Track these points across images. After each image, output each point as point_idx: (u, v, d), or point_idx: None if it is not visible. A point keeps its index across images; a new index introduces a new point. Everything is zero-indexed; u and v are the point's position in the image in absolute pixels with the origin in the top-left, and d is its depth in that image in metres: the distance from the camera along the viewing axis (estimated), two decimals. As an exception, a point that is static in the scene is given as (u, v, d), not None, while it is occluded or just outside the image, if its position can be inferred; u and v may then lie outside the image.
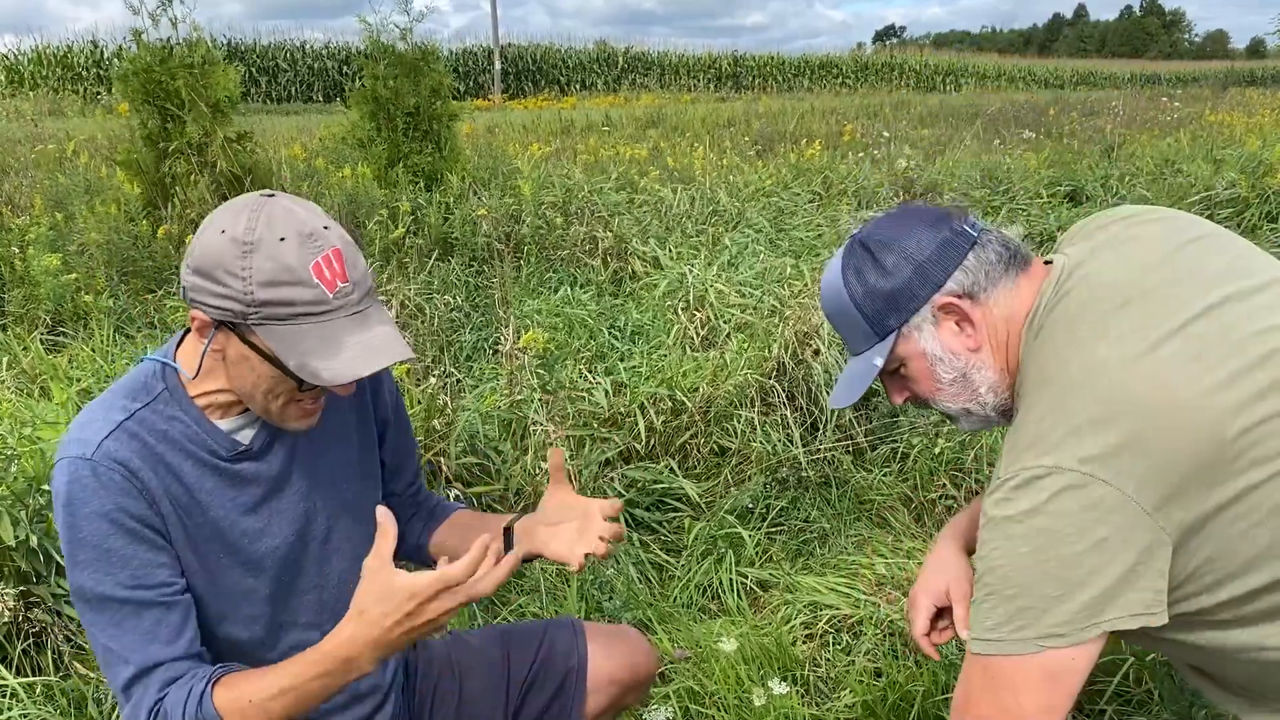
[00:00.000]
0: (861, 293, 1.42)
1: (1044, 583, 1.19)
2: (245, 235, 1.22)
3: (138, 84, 5.98)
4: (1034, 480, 1.20)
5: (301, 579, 1.46)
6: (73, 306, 4.82)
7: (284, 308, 1.22)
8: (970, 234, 1.40)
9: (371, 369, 1.24)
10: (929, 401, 1.47)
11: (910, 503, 3.24)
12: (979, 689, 1.26)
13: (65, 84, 27.67)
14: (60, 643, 2.24)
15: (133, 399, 1.32)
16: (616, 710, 1.79)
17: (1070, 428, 1.21)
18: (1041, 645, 1.20)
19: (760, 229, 6.09)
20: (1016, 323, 1.38)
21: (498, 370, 3.76)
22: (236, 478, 1.38)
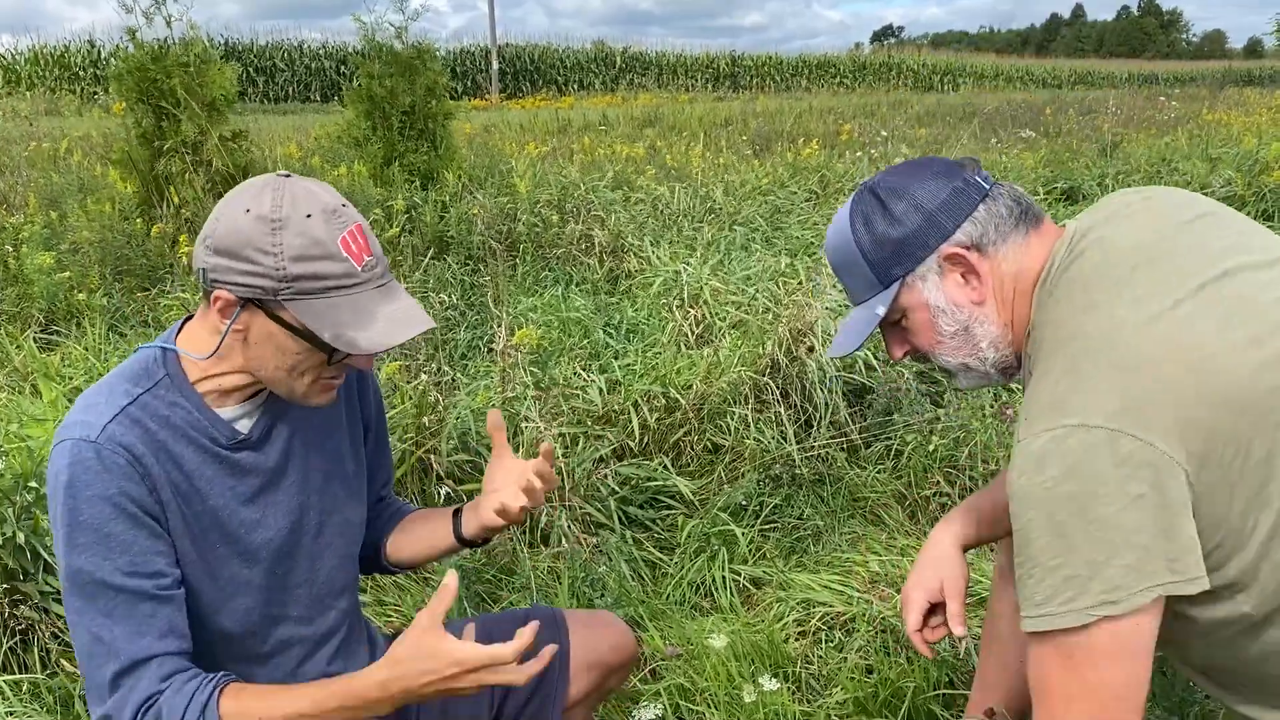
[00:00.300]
0: (868, 240, 1.40)
1: (1086, 547, 1.15)
2: (273, 213, 1.23)
3: (132, 82, 5.97)
4: (1060, 441, 1.17)
5: (294, 573, 1.46)
6: (66, 305, 4.81)
7: (316, 281, 1.24)
8: (982, 186, 1.38)
9: (407, 336, 1.27)
10: (928, 355, 1.45)
11: (904, 500, 3.22)
12: (1058, 669, 1.21)
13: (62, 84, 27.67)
14: (47, 640, 2.23)
15: (135, 384, 1.32)
16: (600, 694, 1.81)
17: (1092, 385, 1.18)
18: (1093, 614, 1.15)
19: (756, 227, 6.09)
20: (1026, 280, 1.36)
21: (491, 368, 3.75)
22: (236, 467, 1.37)
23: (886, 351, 1.52)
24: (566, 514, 2.95)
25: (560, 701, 1.71)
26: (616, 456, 3.29)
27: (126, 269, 5.37)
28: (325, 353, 1.29)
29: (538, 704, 1.71)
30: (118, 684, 1.25)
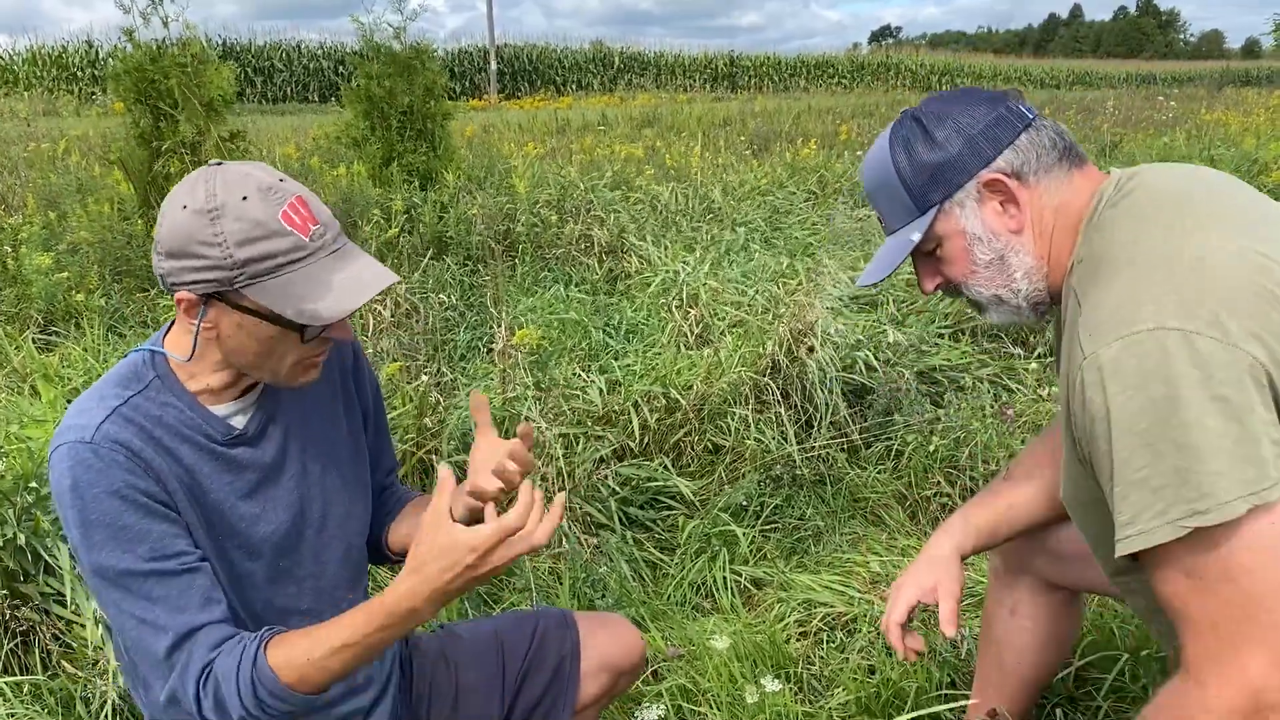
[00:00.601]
0: (907, 165, 1.39)
1: (1171, 455, 1.10)
2: (207, 203, 1.22)
3: (130, 83, 5.95)
4: (1135, 345, 1.13)
5: (299, 566, 1.45)
6: (65, 305, 4.80)
7: (266, 261, 1.23)
8: (1026, 115, 1.37)
9: (366, 297, 1.25)
10: (960, 287, 1.43)
11: (905, 500, 3.22)
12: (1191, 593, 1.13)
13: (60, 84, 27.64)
14: (48, 641, 2.22)
15: (124, 387, 1.31)
16: (609, 696, 1.80)
17: (1164, 291, 1.15)
18: (1185, 525, 1.10)
19: (755, 228, 6.09)
20: (1069, 214, 1.34)
21: (491, 368, 3.75)
22: (233, 463, 1.37)
23: (918, 284, 1.49)
24: (567, 514, 2.95)
25: (571, 704, 1.71)
26: (617, 457, 3.28)
27: (126, 270, 5.37)
28: (296, 331, 1.28)
29: (548, 706, 1.71)
30: (172, 660, 1.26)
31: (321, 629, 1.29)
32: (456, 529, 1.24)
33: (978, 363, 3.95)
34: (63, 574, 2.21)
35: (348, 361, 1.58)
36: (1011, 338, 4.25)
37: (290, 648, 1.28)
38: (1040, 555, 1.79)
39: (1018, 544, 1.79)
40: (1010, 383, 3.84)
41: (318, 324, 1.25)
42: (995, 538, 1.71)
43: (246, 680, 1.25)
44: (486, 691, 1.70)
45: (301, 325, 1.27)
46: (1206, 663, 1.14)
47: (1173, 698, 1.19)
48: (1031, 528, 1.71)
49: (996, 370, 3.93)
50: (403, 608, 1.25)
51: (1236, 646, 1.11)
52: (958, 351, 3.99)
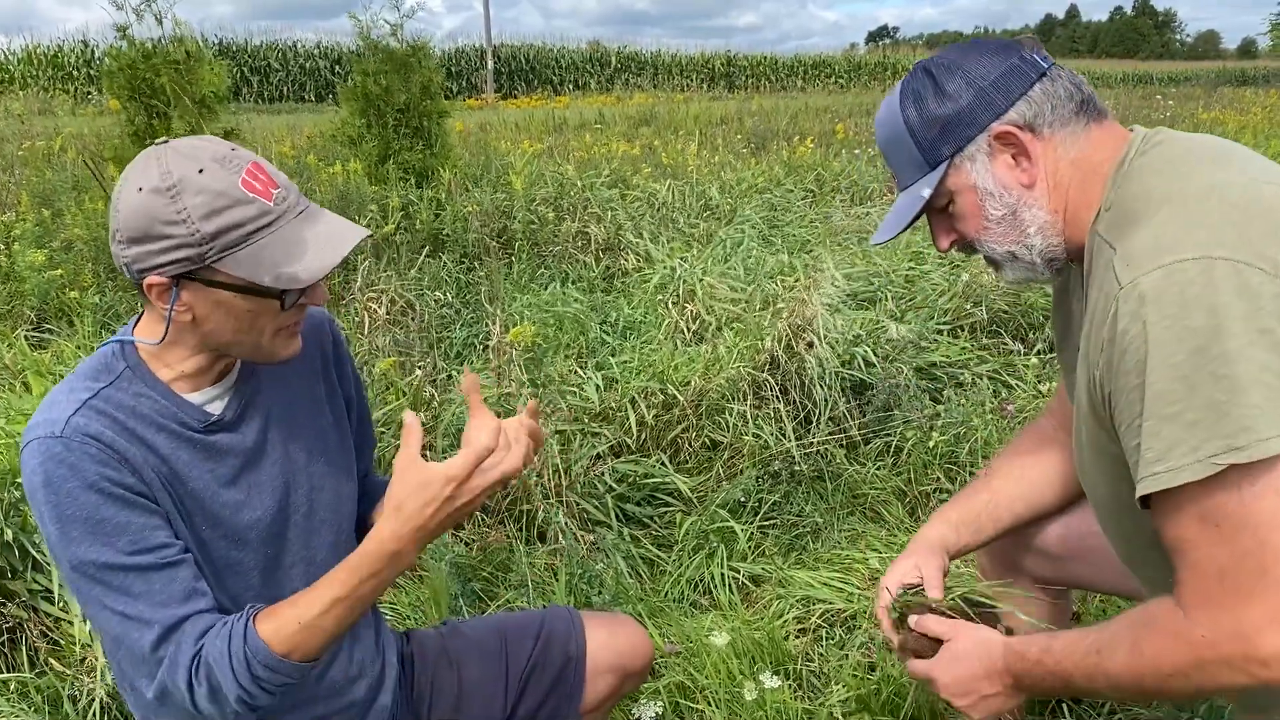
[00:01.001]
0: (917, 119, 1.35)
1: (1207, 387, 1.06)
2: (163, 181, 1.19)
3: (123, 80, 5.92)
4: (1177, 273, 1.09)
5: (286, 553, 1.42)
6: (58, 303, 4.77)
7: (235, 231, 1.20)
8: (1040, 65, 1.33)
9: (344, 252, 1.23)
10: (974, 244, 1.40)
11: (904, 496, 3.20)
12: (1200, 538, 1.10)
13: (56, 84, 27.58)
14: (36, 639, 2.19)
15: (94, 379, 1.28)
16: (615, 698, 1.77)
17: (1211, 222, 1.12)
18: (1220, 463, 1.05)
19: (753, 225, 6.06)
20: (1088, 169, 1.31)
21: (486, 365, 3.72)
22: (212, 449, 1.33)
23: (933, 242, 1.45)
24: (563, 511, 2.92)
25: (576, 705, 1.68)
26: (614, 453, 3.25)
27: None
28: (275, 299, 1.25)
29: (553, 707, 1.67)
30: (159, 653, 1.23)
31: (307, 593, 1.28)
32: (429, 466, 1.25)
33: (977, 359, 3.92)
34: (50, 570, 2.18)
35: (328, 348, 1.55)
36: (1010, 334, 4.23)
37: (278, 618, 1.26)
38: (1028, 553, 1.76)
39: (1005, 543, 1.76)
40: (1010, 379, 3.82)
41: (297, 286, 1.22)
42: (979, 532, 1.68)
43: (239, 657, 1.22)
44: (490, 691, 1.67)
45: (280, 292, 1.24)
46: (1203, 606, 1.11)
47: (1162, 616, 1.16)
48: (1016, 523, 1.68)
49: (996, 366, 3.90)
50: (387, 550, 1.25)
51: (1238, 599, 1.08)
52: (957, 347, 3.96)
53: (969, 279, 4.39)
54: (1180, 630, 1.13)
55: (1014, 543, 1.74)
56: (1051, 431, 1.68)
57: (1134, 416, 1.13)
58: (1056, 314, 1.55)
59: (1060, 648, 1.30)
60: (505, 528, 2.94)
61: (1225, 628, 1.09)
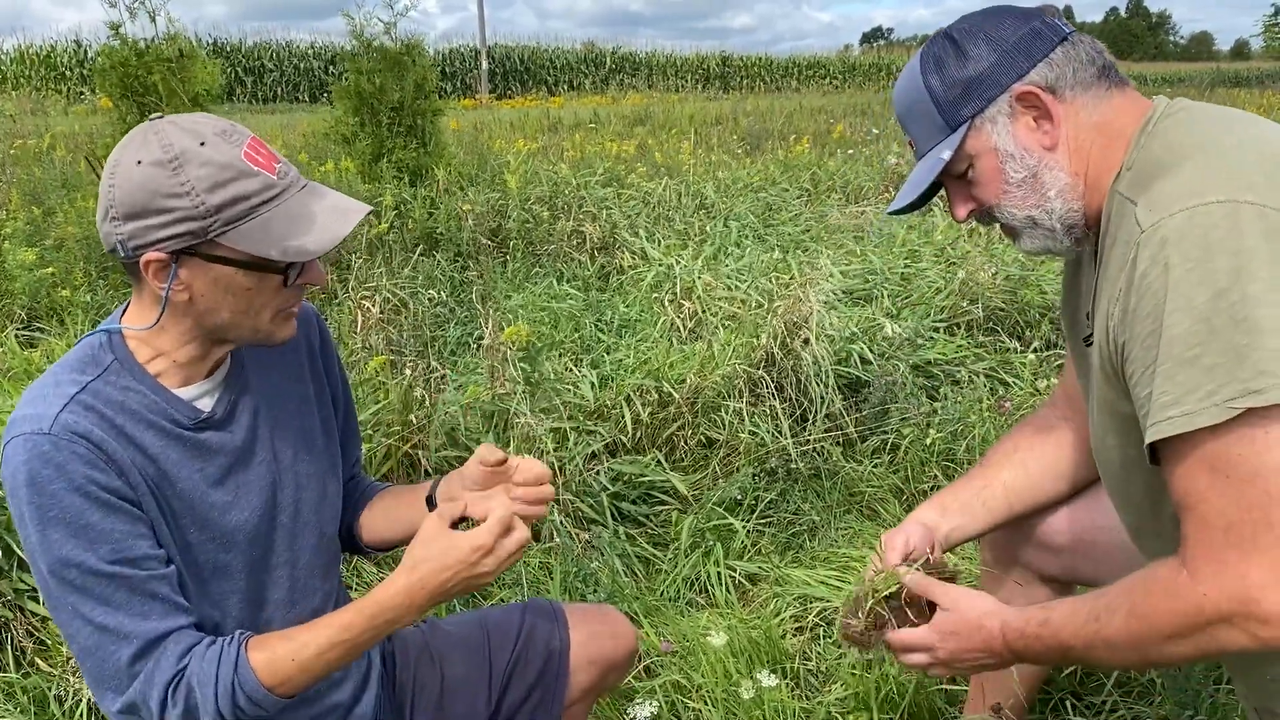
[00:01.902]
0: (938, 82, 1.34)
1: (1228, 330, 1.04)
2: (165, 153, 1.15)
3: (116, 78, 5.90)
4: (1201, 215, 1.08)
5: (273, 555, 1.39)
6: (49, 301, 4.74)
7: (240, 204, 1.17)
8: (1061, 29, 1.32)
9: (351, 226, 1.21)
10: (993, 210, 1.38)
11: (901, 494, 3.18)
12: (1208, 486, 1.07)
13: (48, 83, 27.50)
14: (21, 638, 2.16)
15: (81, 372, 1.23)
16: (600, 689, 1.75)
17: (1237, 167, 1.11)
18: (1236, 406, 1.03)
19: (748, 223, 6.04)
20: (1110, 134, 1.30)
21: (480, 363, 3.69)
22: (201, 447, 1.29)
23: (950, 211, 1.43)
24: (558, 509, 2.89)
25: (560, 698, 1.66)
26: (609, 452, 3.23)
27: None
28: (279, 274, 1.22)
29: (536, 700, 1.65)
30: (135, 668, 1.19)
31: (304, 631, 1.25)
32: (457, 534, 1.24)
33: (973, 356, 3.90)
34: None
35: (315, 343, 1.51)
36: (1007, 331, 4.21)
37: (271, 650, 1.23)
38: (1029, 547, 1.73)
39: (1006, 536, 1.74)
40: (1006, 376, 3.80)
41: (306, 258, 1.20)
42: (971, 518, 1.65)
43: (226, 684, 1.19)
44: (473, 686, 1.64)
45: (285, 267, 1.22)
46: (1208, 561, 1.09)
47: (1163, 576, 1.14)
48: (1012, 510, 1.66)
49: (992, 364, 3.88)
50: (395, 604, 1.23)
51: (1244, 552, 1.06)
52: (953, 345, 3.94)
53: (965, 276, 4.37)
54: (1181, 588, 1.11)
55: (1016, 536, 1.72)
56: (1053, 421, 1.66)
57: (1149, 363, 1.11)
58: (1068, 294, 1.53)
59: (1059, 619, 1.28)
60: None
61: (1228, 585, 1.07)
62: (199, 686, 1.19)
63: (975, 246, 4.83)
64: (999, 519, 1.66)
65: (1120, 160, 1.28)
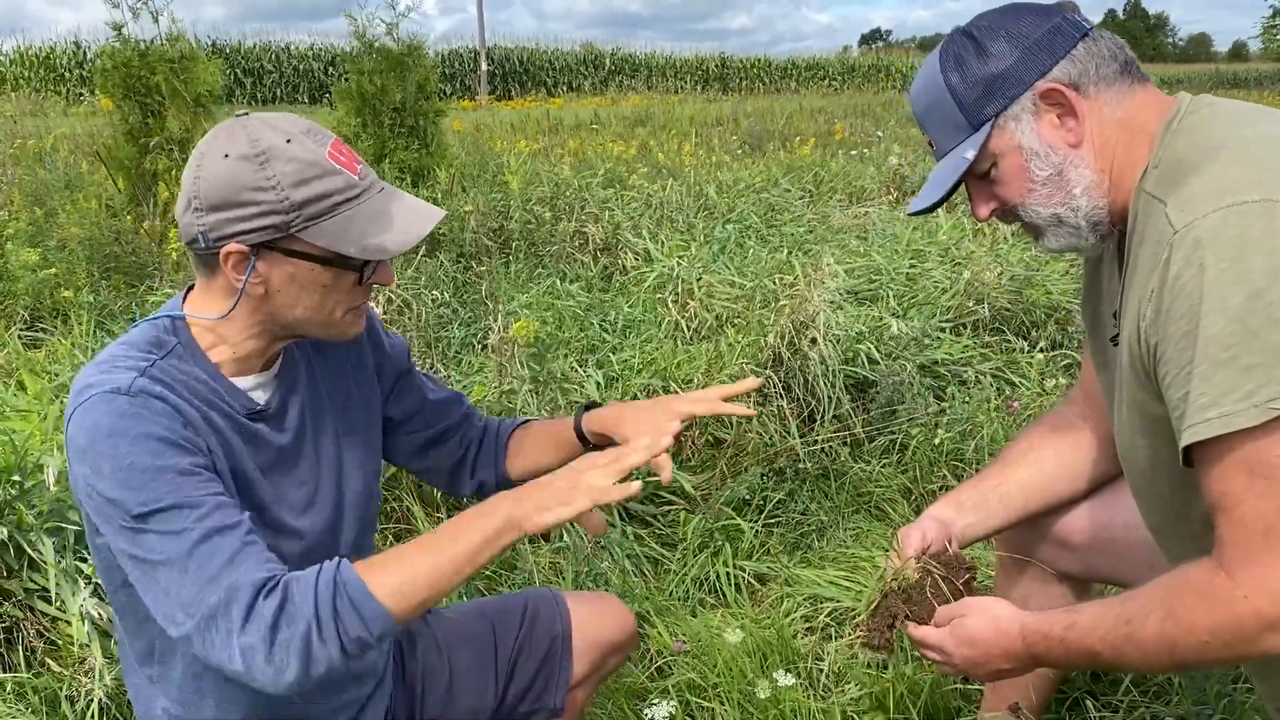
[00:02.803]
0: (959, 80, 1.33)
1: (1266, 331, 1.03)
2: (253, 148, 1.18)
3: (118, 79, 5.91)
4: (1235, 216, 1.07)
5: (316, 550, 1.38)
6: (52, 302, 4.73)
7: (323, 201, 1.19)
8: (1082, 25, 1.32)
9: (429, 227, 1.24)
10: (1017, 209, 1.37)
11: (910, 494, 3.17)
12: (1246, 488, 1.07)
13: (47, 85, 27.48)
14: (33, 638, 2.15)
15: (149, 351, 1.23)
16: (601, 673, 1.78)
17: (1269, 167, 1.10)
18: (1275, 408, 1.02)
19: (750, 224, 6.04)
20: (1135, 130, 1.29)
21: (486, 363, 3.69)
22: (256, 438, 1.31)
23: (972, 211, 1.42)
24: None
25: (564, 683, 1.68)
26: (617, 451, 3.21)
27: (114, 266, 5.29)
28: (356, 270, 1.24)
29: (541, 686, 1.68)
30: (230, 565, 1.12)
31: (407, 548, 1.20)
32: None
33: (980, 356, 3.89)
34: (47, 569, 2.14)
35: (364, 338, 1.52)
36: (1014, 331, 4.20)
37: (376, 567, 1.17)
38: (1046, 544, 1.73)
39: (1022, 534, 1.73)
40: (1013, 376, 3.79)
41: (383, 257, 1.22)
42: (987, 515, 1.64)
43: (328, 578, 1.13)
44: (480, 675, 1.66)
45: (361, 265, 1.24)
46: (1246, 564, 1.08)
47: (1199, 579, 1.13)
48: (1029, 508, 1.65)
49: (999, 364, 3.88)
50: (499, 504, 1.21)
51: None
52: (960, 345, 3.93)
53: (970, 276, 4.37)
54: (1220, 591, 1.09)
55: (1032, 534, 1.71)
56: (1071, 419, 1.66)
57: (1184, 364, 1.10)
58: (1088, 293, 1.52)
59: (1085, 623, 1.26)
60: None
61: (1269, 588, 1.06)
62: (299, 586, 1.13)
63: (980, 246, 4.83)
64: (1015, 516, 1.66)
65: (1145, 157, 1.27)
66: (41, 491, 2.23)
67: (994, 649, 1.36)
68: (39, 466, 2.29)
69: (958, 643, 1.40)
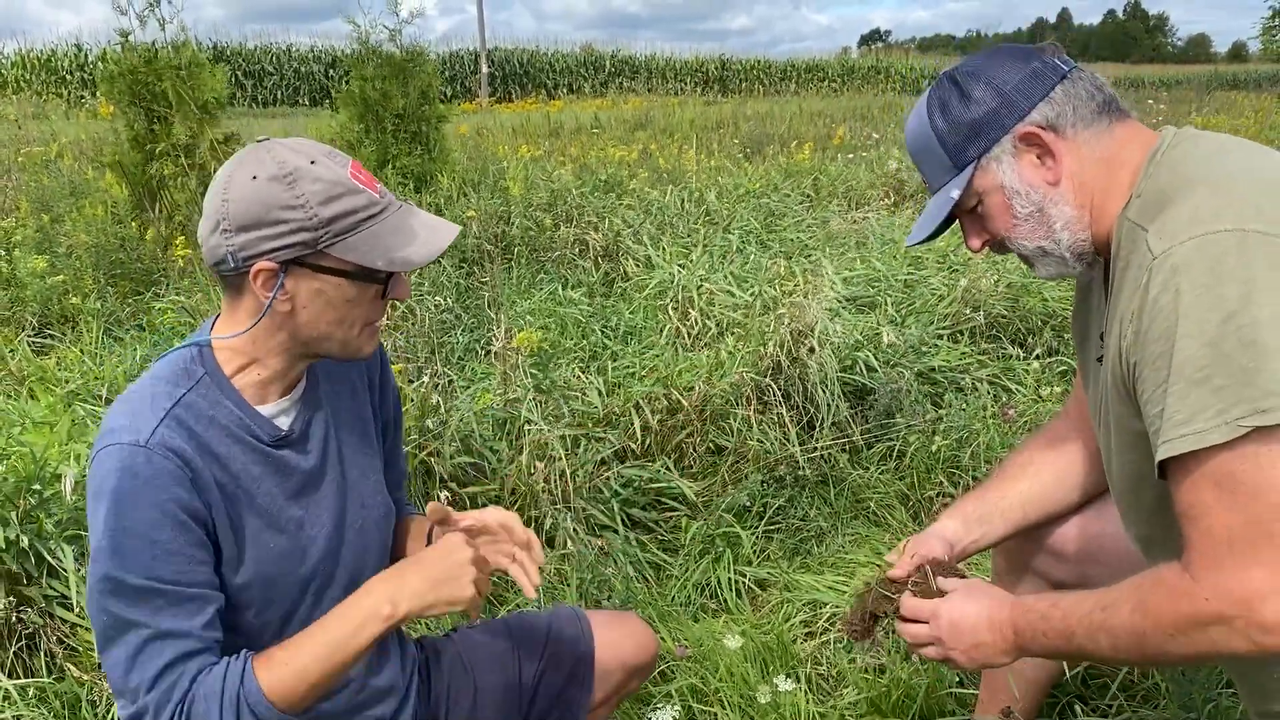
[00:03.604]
0: (944, 124, 1.41)
1: (1237, 353, 1.09)
2: (281, 169, 1.24)
3: (124, 85, 5.94)
4: (1211, 244, 1.13)
5: (339, 572, 1.44)
6: (60, 309, 4.78)
7: (349, 217, 1.26)
8: (1061, 68, 1.38)
9: (449, 240, 1.31)
10: (1006, 241, 1.44)
11: (907, 501, 3.22)
12: (1214, 503, 1.13)
13: (49, 87, 27.50)
14: (53, 644, 2.20)
15: (176, 385, 1.29)
16: (623, 693, 1.81)
17: (1247, 197, 1.16)
18: (1245, 425, 1.08)
19: (750, 230, 6.09)
20: (1114, 165, 1.35)
21: (490, 370, 3.74)
22: (281, 465, 1.36)
23: (965, 243, 1.51)
24: (570, 516, 2.94)
25: (586, 703, 1.71)
26: (619, 458, 3.28)
27: (121, 273, 5.34)
28: (380, 284, 1.31)
29: (563, 707, 1.70)
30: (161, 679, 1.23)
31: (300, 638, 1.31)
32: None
33: (977, 363, 3.95)
34: (67, 576, 2.19)
35: (375, 370, 1.58)
36: (1010, 338, 4.26)
37: (272, 661, 1.28)
38: (1041, 555, 1.79)
39: (1018, 544, 1.79)
40: (1010, 383, 3.85)
41: (409, 268, 1.28)
42: (990, 529, 1.71)
43: (231, 697, 1.24)
44: (504, 694, 1.69)
45: (385, 277, 1.30)
46: (1209, 569, 1.15)
47: (1170, 578, 1.20)
48: (1029, 520, 1.72)
49: (996, 371, 3.94)
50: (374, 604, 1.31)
51: (1245, 564, 1.12)
52: (957, 352, 3.99)
53: (968, 284, 4.42)
54: (1186, 592, 1.16)
55: (1028, 544, 1.78)
56: (1065, 432, 1.72)
57: (1159, 383, 1.17)
58: (1078, 312, 1.60)
59: (1067, 604, 1.34)
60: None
61: (1231, 592, 1.12)
62: (205, 699, 1.23)
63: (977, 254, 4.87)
64: (1014, 528, 1.72)
65: (1127, 188, 1.34)
66: (59, 500, 2.29)
67: (983, 611, 1.43)
68: (56, 476, 2.34)
69: (948, 623, 1.46)
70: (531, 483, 2.97)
